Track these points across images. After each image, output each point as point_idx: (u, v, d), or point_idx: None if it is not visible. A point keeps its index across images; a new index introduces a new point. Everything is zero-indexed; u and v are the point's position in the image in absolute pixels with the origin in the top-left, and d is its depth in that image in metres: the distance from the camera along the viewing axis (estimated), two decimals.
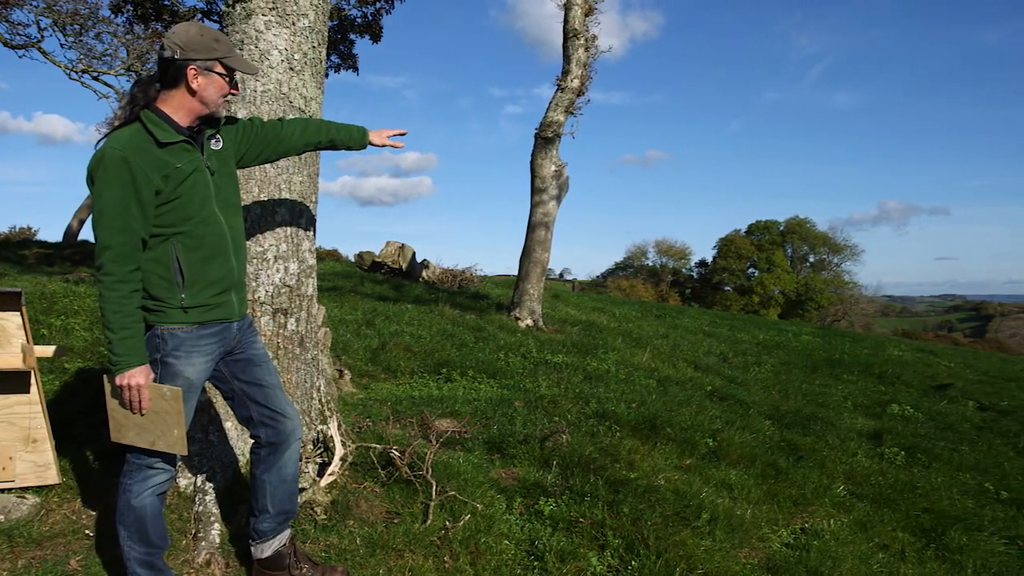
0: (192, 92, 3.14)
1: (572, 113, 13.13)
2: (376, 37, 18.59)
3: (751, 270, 71.64)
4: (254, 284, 4.39)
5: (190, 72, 3.11)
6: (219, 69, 3.17)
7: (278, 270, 4.46)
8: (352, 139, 3.93)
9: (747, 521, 4.98)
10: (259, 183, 4.38)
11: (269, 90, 4.34)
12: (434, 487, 4.61)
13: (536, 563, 4.14)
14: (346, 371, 7.86)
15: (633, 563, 4.18)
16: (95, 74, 24.25)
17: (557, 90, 13.09)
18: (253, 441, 3.61)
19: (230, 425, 4.44)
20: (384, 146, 4.03)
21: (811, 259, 72.50)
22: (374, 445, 5.07)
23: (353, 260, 24.54)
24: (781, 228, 72.22)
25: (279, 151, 3.70)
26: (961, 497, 6.45)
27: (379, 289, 15.70)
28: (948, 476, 7.13)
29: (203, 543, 3.88)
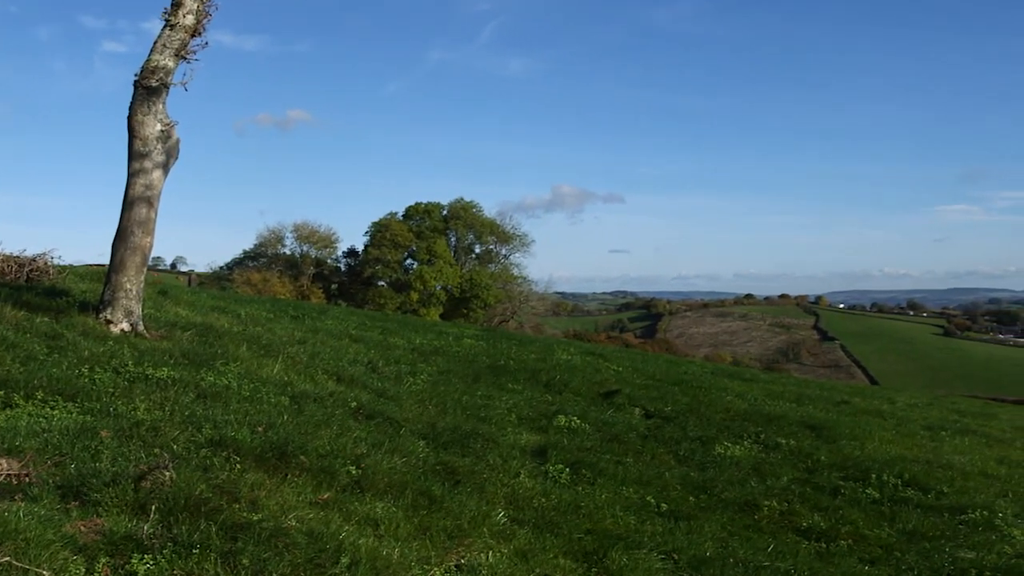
0: None
1: (185, 58, 12.58)
2: None
3: (409, 261, 74.08)
4: None
5: None
6: None
7: None
8: None
9: (395, 562, 5.16)
10: None
11: None
12: None
13: None
14: None
15: None
16: None
17: (165, 27, 12.46)
18: None
19: None
20: None
21: (477, 249, 76.86)
22: None
23: None
24: (444, 212, 75.55)
25: None
26: (624, 514, 7.30)
27: None
28: (612, 492, 8.02)
29: None
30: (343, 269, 77.19)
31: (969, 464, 11.38)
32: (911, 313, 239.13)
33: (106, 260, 13.05)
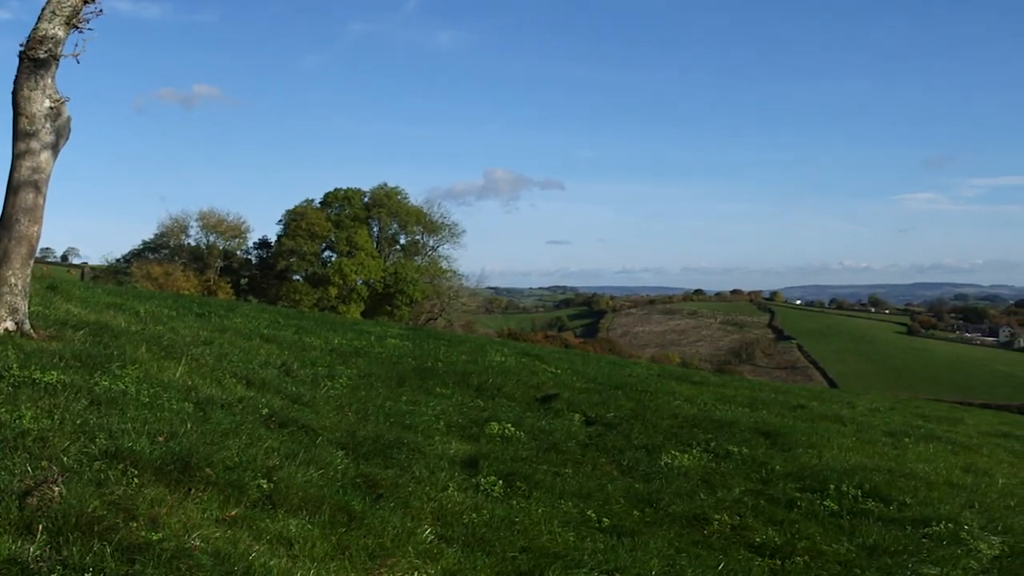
0: None
1: (77, 27, 12.38)
2: None
3: (327, 253, 73.56)
4: None
5: None
6: None
7: None
8: None
9: None
10: None
11: None
12: None
13: None
14: None
15: None
16: None
17: None
18: None
19: None
20: None
21: (402, 240, 76.63)
22: None
23: None
24: (366, 199, 75.12)
25: None
26: (562, 529, 7.38)
27: None
28: (549, 506, 8.10)
29: None
30: (254, 262, 76.36)
31: (934, 473, 11.71)
32: (873, 310, 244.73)
33: None
